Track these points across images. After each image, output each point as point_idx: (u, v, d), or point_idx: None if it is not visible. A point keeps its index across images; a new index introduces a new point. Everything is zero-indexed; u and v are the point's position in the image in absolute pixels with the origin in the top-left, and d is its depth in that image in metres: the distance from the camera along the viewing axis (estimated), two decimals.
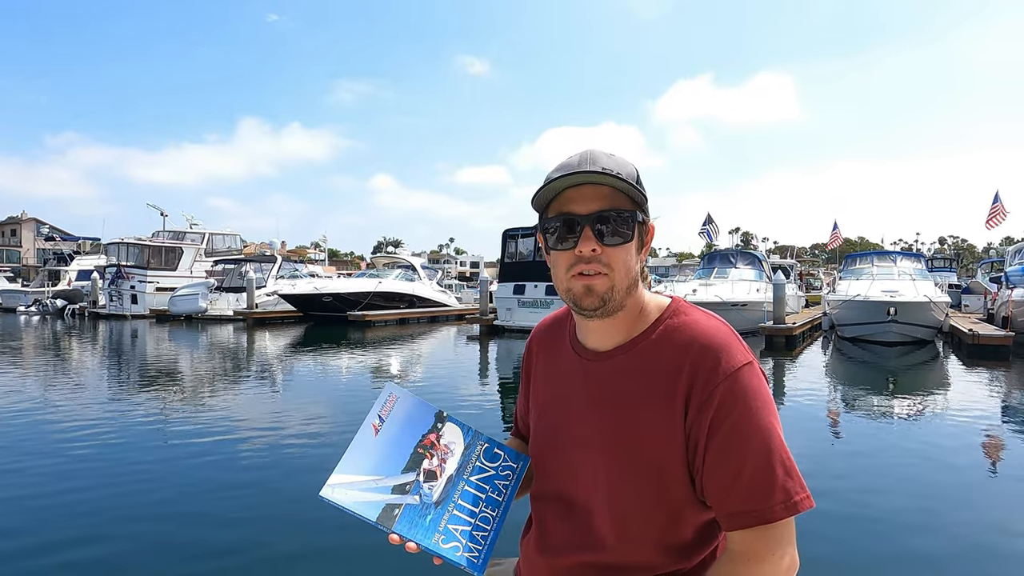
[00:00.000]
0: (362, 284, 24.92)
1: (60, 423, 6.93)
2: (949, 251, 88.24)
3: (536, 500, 1.19)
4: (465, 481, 1.09)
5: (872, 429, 7.12)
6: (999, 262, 26.20)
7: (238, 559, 3.58)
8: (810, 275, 43.13)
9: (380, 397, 1.10)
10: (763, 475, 0.95)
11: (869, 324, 15.89)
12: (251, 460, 5.57)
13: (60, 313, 28.31)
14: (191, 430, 6.68)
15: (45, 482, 4.87)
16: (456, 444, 1.12)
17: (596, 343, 1.11)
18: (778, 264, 26.52)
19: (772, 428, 0.97)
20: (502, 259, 20.38)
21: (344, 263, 74.45)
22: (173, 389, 9.53)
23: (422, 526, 1.02)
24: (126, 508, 4.34)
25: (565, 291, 1.05)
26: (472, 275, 57.44)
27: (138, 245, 28.31)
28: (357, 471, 1.03)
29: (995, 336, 14.04)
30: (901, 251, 24.79)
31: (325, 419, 7.47)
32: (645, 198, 1.06)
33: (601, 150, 1.04)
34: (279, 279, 26.55)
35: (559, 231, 1.04)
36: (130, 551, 3.65)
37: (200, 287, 25.31)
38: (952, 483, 5.13)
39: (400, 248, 64.42)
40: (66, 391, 9.33)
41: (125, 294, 26.77)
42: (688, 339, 1.03)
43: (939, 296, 16.06)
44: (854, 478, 5.17)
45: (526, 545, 1.20)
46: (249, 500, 4.57)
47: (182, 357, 13.95)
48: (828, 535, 3.81)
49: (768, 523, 0.94)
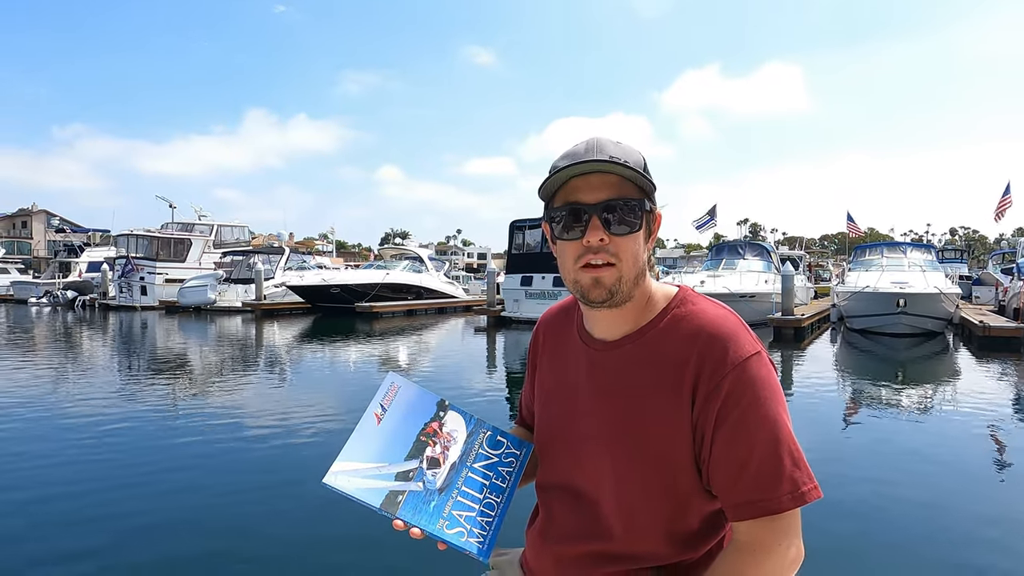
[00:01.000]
0: (370, 276, 24.99)
1: (70, 413, 7.00)
2: (960, 242, 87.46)
3: (542, 489, 1.19)
4: (469, 468, 1.09)
5: (881, 421, 7.09)
6: (1011, 253, 25.94)
7: (243, 545, 3.61)
8: (819, 266, 42.90)
9: (382, 386, 1.10)
10: (770, 465, 0.94)
11: (879, 316, 15.79)
12: (258, 449, 5.61)
13: (71, 304, 28.56)
14: (200, 419, 6.73)
15: (55, 471, 4.93)
16: (459, 432, 1.12)
17: (603, 332, 1.10)
18: (787, 255, 26.37)
19: (780, 418, 0.96)
20: (509, 250, 20.36)
21: (352, 255, 74.60)
22: (182, 380, 9.61)
23: (426, 512, 1.02)
24: (134, 496, 4.38)
25: (572, 283, 1.04)
26: (479, 266, 57.41)
27: (147, 237, 28.50)
28: (360, 458, 1.03)
29: (1006, 328, 13.92)
30: (911, 242, 24.57)
31: (332, 409, 7.51)
32: (653, 186, 1.04)
33: (608, 138, 1.03)
34: (287, 271, 26.67)
35: (565, 220, 1.02)
36: (137, 538, 3.68)
37: (209, 278, 25.47)
38: (961, 476, 5.10)
39: (407, 240, 64.40)
40: (77, 381, 9.42)
41: (135, 285, 26.98)
42: (696, 328, 1.02)
43: (949, 287, 15.93)
44: (862, 470, 5.15)
45: (532, 534, 1.20)
46: (255, 488, 4.60)
47: (191, 348, 14.05)
48: (834, 526, 3.80)
49: (775, 514, 0.93)
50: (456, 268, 44.19)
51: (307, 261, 30.40)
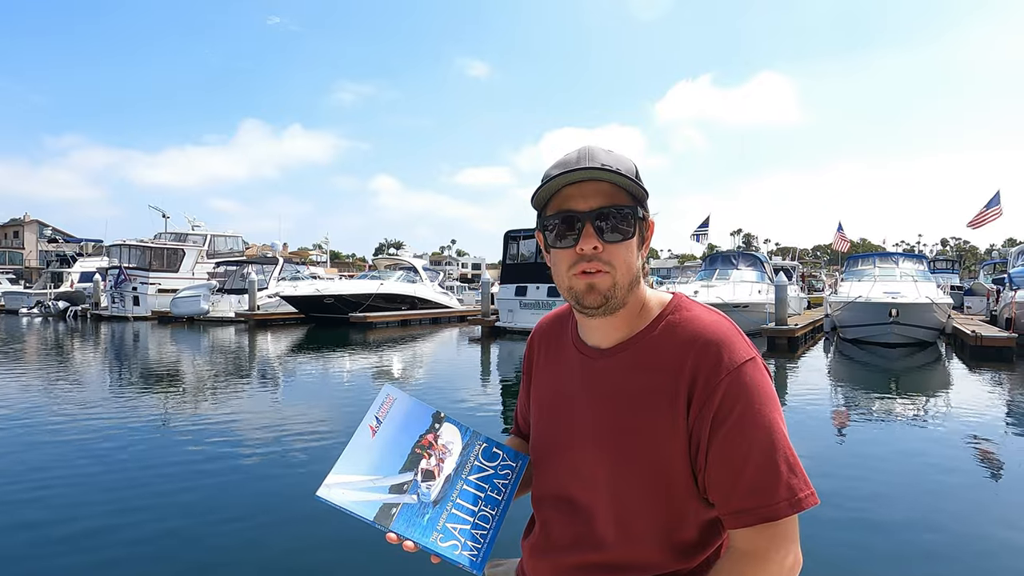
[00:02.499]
0: (364, 286, 24.91)
1: (61, 425, 6.93)
2: (951, 253, 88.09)
3: (537, 500, 1.18)
4: (464, 480, 1.08)
5: (874, 431, 7.10)
6: (1002, 263, 26.14)
7: (236, 560, 3.57)
8: (812, 276, 43.11)
9: (377, 398, 1.10)
10: (767, 472, 0.93)
11: (871, 326, 15.85)
12: (250, 462, 5.56)
13: (62, 315, 28.35)
14: (192, 431, 6.67)
15: (44, 484, 4.87)
16: (454, 444, 1.11)
17: (598, 340, 1.10)
18: (780, 265, 26.49)
19: (775, 424, 0.95)
20: (504, 261, 20.36)
21: (346, 265, 74.51)
22: (174, 391, 9.53)
23: (420, 525, 1.01)
24: (125, 509, 4.33)
25: (567, 289, 1.04)
26: (474, 276, 57.37)
27: (140, 247, 28.34)
28: (354, 471, 1.02)
29: (998, 338, 13.99)
30: (903, 252, 24.73)
31: (326, 421, 7.47)
32: (646, 193, 1.05)
33: (600, 146, 1.03)
34: (281, 281, 26.57)
35: (559, 228, 1.02)
36: (128, 552, 3.64)
37: (202, 289, 25.35)
38: (955, 484, 5.10)
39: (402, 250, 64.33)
40: (68, 393, 9.32)
41: (127, 296, 26.80)
42: (690, 335, 1.02)
43: (941, 297, 16.02)
44: (857, 479, 5.14)
45: (528, 545, 1.19)
46: (248, 501, 4.56)
47: (184, 359, 13.96)
48: (831, 535, 3.79)
49: (772, 520, 0.93)
50: (451, 278, 44.15)
51: (301, 271, 30.32)
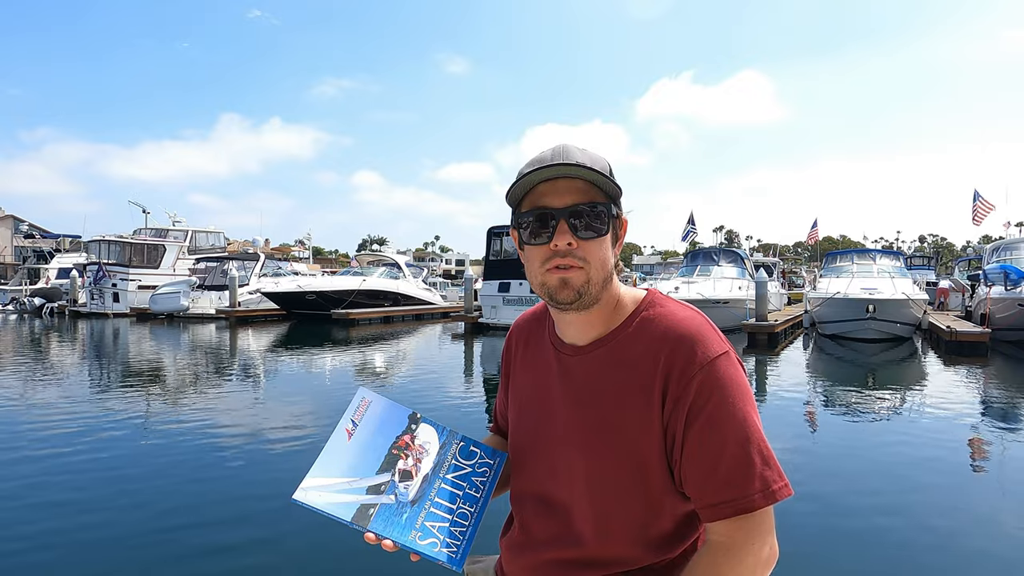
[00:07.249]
0: (346, 282, 24.76)
1: (36, 423, 6.82)
2: (929, 249, 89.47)
3: (515, 497, 1.19)
4: (441, 479, 1.09)
5: (851, 425, 7.21)
6: (976, 260, 26.59)
7: (213, 561, 3.54)
8: (792, 273, 43.54)
9: (353, 401, 1.09)
10: (741, 464, 0.94)
11: (849, 321, 16.08)
12: (230, 461, 5.52)
13: (38, 312, 27.88)
14: (170, 430, 6.60)
15: (20, 483, 4.79)
16: (431, 444, 1.11)
17: (574, 338, 1.10)
18: (761, 262, 26.78)
19: (749, 417, 0.96)
20: (487, 257, 20.34)
21: (329, 261, 73.90)
22: (153, 389, 9.42)
23: (398, 524, 1.02)
24: (101, 509, 4.28)
25: (540, 285, 1.04)
26: (457, 273, 57.31)
27: (120, 242, 27.92)
28: (331, 474, 1.02)
29: (973, 333, 14.26)
30: (881, 249, 25.09)
31: (308, 419, 7.42)
32: (620, 191, 1.05)
33: (574, 145, 1.04)
34: (262, 277, 26.34)
35: (533, 225, 1.03)
36: (104, 552, 3.60)
37: (181, 285, 25.03)
38: (929, 476, 5.20)
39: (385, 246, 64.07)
40: (42, 392, 9.18)
41: (106, 292, 26.42)
42: (664, 330, 1.03)
43: (917, 294, 16.28)
44: (833, 472, 5.23)
45: (506, 543, 1.20)
46: (226, 502, 4.52)
47: (163, 356, 13.79)
48: (807, 526, 3.85)
49: (747, 512, 0.94)
50: (434, 274, 44.09)
51: (283, 267, 30.09)
